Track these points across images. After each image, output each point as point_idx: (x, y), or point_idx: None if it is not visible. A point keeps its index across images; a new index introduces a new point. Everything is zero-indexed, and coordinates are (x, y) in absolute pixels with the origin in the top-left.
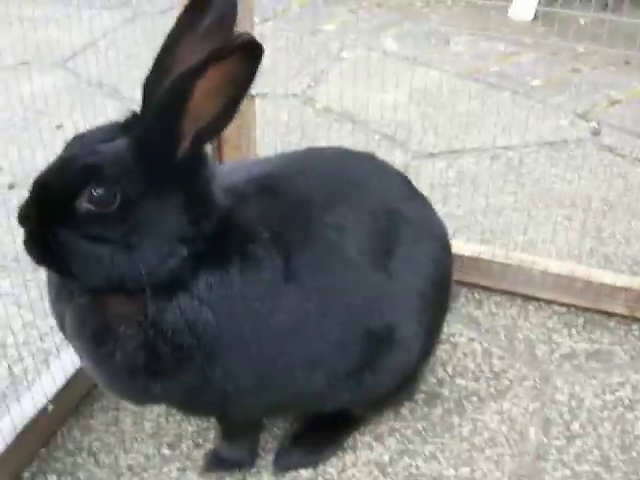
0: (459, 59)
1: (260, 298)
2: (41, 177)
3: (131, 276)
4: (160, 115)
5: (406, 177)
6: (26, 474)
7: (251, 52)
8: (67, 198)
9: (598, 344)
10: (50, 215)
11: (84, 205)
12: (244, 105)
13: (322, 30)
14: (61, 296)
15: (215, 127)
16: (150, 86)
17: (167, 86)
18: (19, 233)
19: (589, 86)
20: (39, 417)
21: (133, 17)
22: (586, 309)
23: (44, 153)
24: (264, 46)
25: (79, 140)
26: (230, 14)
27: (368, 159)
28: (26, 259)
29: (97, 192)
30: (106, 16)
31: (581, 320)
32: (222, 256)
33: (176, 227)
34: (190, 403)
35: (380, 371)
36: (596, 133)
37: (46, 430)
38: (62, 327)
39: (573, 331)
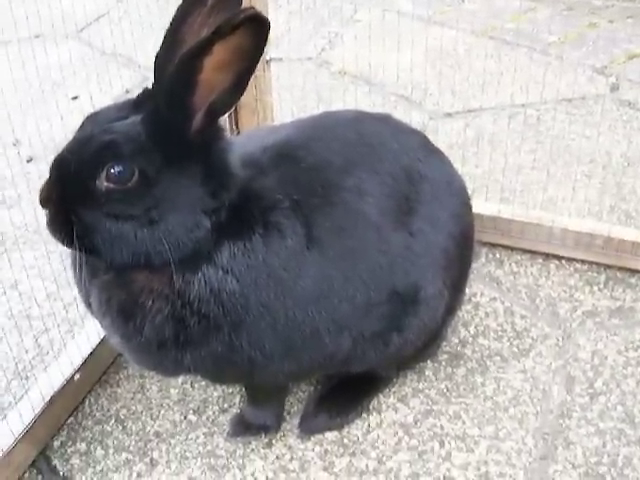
0: (474, 17)
1: (284, 265)
2: (59, 159)
3: (156, 251)
4: (170, 91)
5: (424, 135)
6: (56, 443)
7: (256, 26)
8: (86, 178)
9: (620, 301)
10: (71, 196)
11: (104, 184)
12: (259, 70)
13: None
14: (86, 274)
15: (228, 100)
16: (161, 62)
17: (175, 63)
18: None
19: (606, 41)
20: (66, 386)
21: None
22: (607, 266)
23: (61, 125)
24: (278, 10)
25: (93, 119)
26: None
27: (384, 120)
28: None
29: (115, 170)
30: None
31: (603, 277)
32: (244, 226)
33: (196, 200)
34: (218, 372)
35: (406, 331)
36: (615, 88)
37: (74, 399)
38: (89, 305)
39: (595, 289)
